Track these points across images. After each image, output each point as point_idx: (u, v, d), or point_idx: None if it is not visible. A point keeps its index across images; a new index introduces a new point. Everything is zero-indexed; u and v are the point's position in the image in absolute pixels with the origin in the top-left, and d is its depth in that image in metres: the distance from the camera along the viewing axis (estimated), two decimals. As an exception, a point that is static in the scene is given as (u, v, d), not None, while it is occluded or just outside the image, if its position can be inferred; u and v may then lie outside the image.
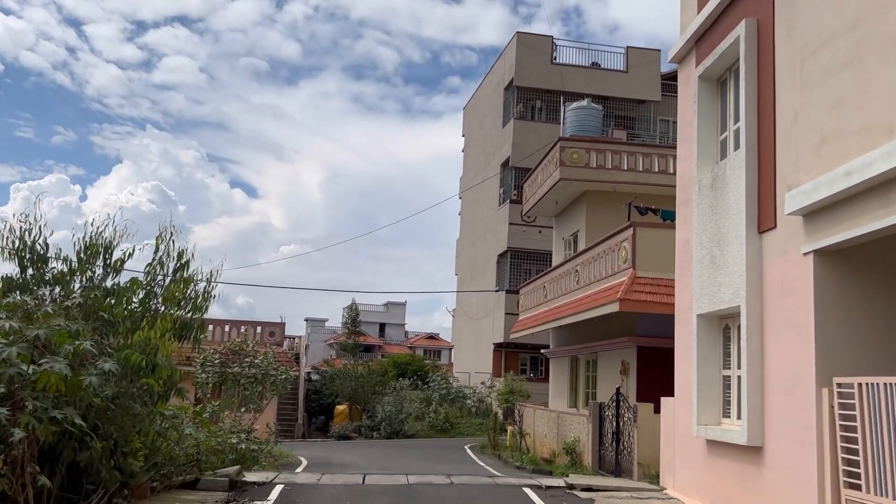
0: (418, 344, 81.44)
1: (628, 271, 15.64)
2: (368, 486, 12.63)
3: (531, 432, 22.47)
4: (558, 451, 20.15)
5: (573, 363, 22.73)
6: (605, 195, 22.72)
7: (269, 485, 12.48)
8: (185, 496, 11.34)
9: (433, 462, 19.94)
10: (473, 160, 41.56)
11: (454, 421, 32.43)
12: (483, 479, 13.71)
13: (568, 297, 20.11)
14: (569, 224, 24.63)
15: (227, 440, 13.60)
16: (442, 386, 35.20)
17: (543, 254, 32.73)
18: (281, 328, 32.58)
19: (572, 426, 19.40)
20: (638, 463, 14.88)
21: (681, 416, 12.43)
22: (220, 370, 17.79)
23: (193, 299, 11.09)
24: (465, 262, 41.62)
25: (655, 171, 22.24)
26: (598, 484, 12.98)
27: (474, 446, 25.54)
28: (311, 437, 32.83)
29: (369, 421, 31.37)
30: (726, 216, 10.68)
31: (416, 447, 25.41)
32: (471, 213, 41.56)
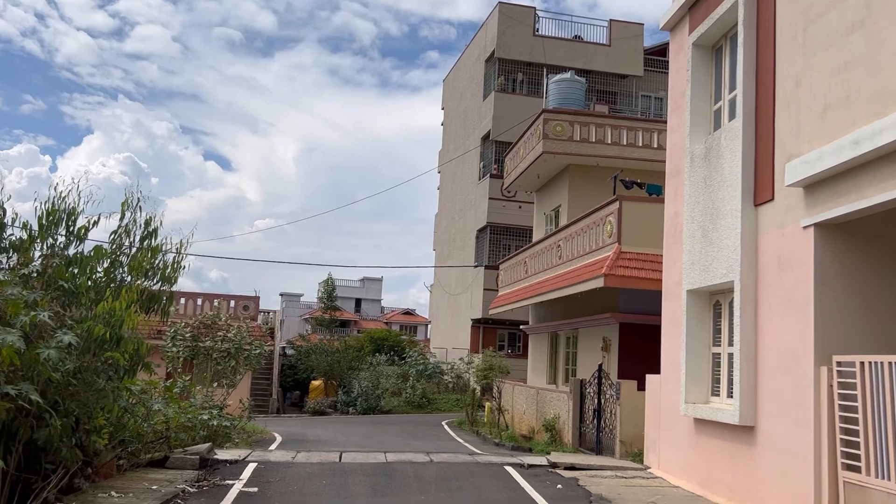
0: (394, 320, 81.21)
1: (613, 246, 15.27)
2: (345, 464, 12.22)
3: (510, 409, 22.22)
4: (538, 427, 19.90)
5: (553, 339, 22.44)
6: (588, 169, 22.32)
7: (242, 463, 12.02)
8: (152, 475, 10.84)
9: (411, 438, 19.60)
10: (453, 134, 40.95)
11: (431, 397, 32.14)
12: (463, 457, 13.37)
13: (550, 273, 19.75)
14: (550, 199, 24.21)
15: (197, 416, 13.10)
16: (419, 361, 34.87)
17: (523, 229, 32.36)
18: (255, 302, 31.95)
19: (552, 403, 19.14)
20: (620, 441, 14.62)
21: (667, 394, 12.13)
22: (191, 344, 17.22)
23: (162, 270, 10.50)
24: (444, 237, 41.16)
25: (639, 145, 21.85)
26: (581, 462, 12.68)
27: (452, 422, 25.27)
28: (286, 412, 32.38)
29: (345, 396, 30.98)
30: (720, 188, 10.30)
31: (392, 423, 25.08)
32: (450, 187, 41.02)
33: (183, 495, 9.60)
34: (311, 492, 10.06)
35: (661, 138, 21.97)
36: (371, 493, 10.06)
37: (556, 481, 11.24)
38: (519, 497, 10.11)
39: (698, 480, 10.71)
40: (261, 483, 10.54)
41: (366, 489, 10.30)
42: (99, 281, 10.22)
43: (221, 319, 17.90)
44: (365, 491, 10.19)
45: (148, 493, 9.39)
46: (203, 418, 13.16)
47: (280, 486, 10.32)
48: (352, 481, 10.78)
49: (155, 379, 12.77)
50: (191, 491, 9.88)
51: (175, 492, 9.62)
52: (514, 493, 10.39)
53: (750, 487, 9.27)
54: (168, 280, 10.67)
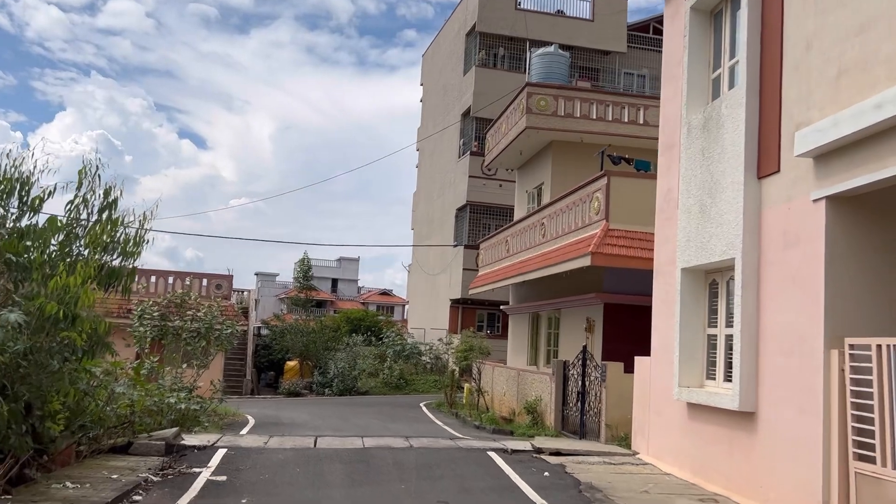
0: (371, 300, 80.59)
1: (601, 223, 14.71)
2: (321, 450, 11.60)
3: (489, 390, 21.72)
4: (519, 410, 19.41)
5: (534, 320, 21.92)
6: (571, 146, 21.71)
7: (211, 449, 11.35)
8: (114, 462, 10.15)
9: (389, 421, 19.03)
10: (432, 110, 40.11)
11: (409, 378, 31.58)
12: (444, 442, 12.80)
13: (533, 252, 19.17)
14: (533, 176, 23.60)
15: (164, 399, 12.38)
16: (396, 342, 34.24)
17: (504, 208, 31.75)
18: (228, 281, 31.07)
19: (534, 385, 18.64)
20: (606, 424, 14.14)
21: (657, 377, 11.63)
22: (159, 324, 16.44)
23: (123, 244, 9.74)
24: (422, 216, 40.44)
25: (625, 121, 21.27)
26: (566, 448, 12.18)
27: (430, 404, 24.73)
28: (261, 393, 31.65)
29: (321, 377, 30.31)
30: (720, 160, 9.73)
31: (370, 405, 24.49)
32: (428, 165, 40.25)
33: (145, 485, 8.93)
34: (283, 481, 9.43)
35: (648, 114, 21.43)
36: (348, 482, 9.46)
37: (542, 468, 10.71)
38: (504, 485, 9.57)
39: (691, 468, 10.23)
40: (230, 471, 9.88)
41: (342, 477, 9.69)
42: (53, 255, 9.45)
43: (191, 298, 17.12)
44: (341, 479, 9.59)
45: (107, 483, 8.70)
46: (170, 402, 12.44)
47: (251, 475, 9.68)
48: (327, 469, 10.16)
49: (119, 360, 12.04)
50: (154, 480, 9.20)
51: (136, 481, 8.94)
52: (498, 480, 9.85)
53: (749, 476, 8.79)
54: (130, 255, 9.91)
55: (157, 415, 12.48)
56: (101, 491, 8.29)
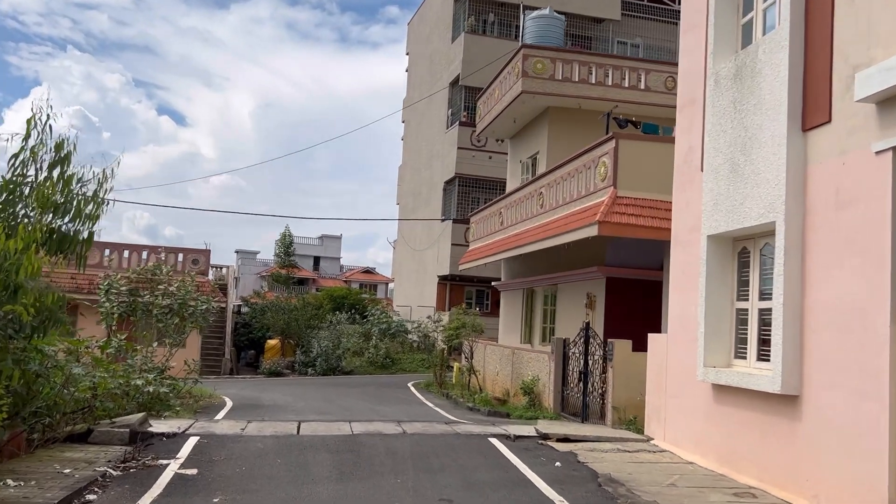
0: (354, 278, 79.41)
1: (608, 190, 13.58)
2: (304, 437, 10.47)
3: (481, 370, 20.68)
4: (514, 390, 18.39)
5: (528, 296, 20.87)
6: (569, 112, 20.55)
7: (181, 437, 10.19)
8: (69, 453, 8.97)
9: (376, 402, 17.94)
10: (419, 80, 38.69)
11: (395, 357, 30.49)
12: (440, 427, 11.72)
13: (530, 224, 18.04)
14: (527, 145, 22.42)
15: (130, 381, 11.17)
16: (382, 320, 33.14)
17: (494, 181, 30.59)
18: (206, 255, 29.74)
19: (531, 364, 17.61)
20: (613, 407, 13.12)
21: (675, 357, 10.59)
22: (128, 299, 15.19)
23: (77, 205, 8.48)
24: (408, 190, 39.15)
25: (626, 86, 20.13)
26: (575, 433, 11.13)
27: (419, 384, 23.68)
28: (240, 373, 30.44)
29: (303, 357, 29.14)
30: (756, 113, 8.61)
31: (355, 385, 23.40)
32: (415, 137, 38.91)
33: (102, 481, 7.76)
34: (263, 474, 8.30)
35: (650, 79, 20.30)
36: (336, 476, 8.34)
37: (552, 457, 9.66)
38: (513, 478, 8.49)
39: (717, 456, 9.22)
40: (202, 463, 8.74)
41: (329, 470, 8.57)
42: (-8, 216, 8.20)
43: (163, 272, 15.86)
44: (328, 472, 8.47)
45: (56, 480, 7.52)
46: (137, 383, 11.24)
47: (225, 468, 8.54)
48: (312, 459, 9.04)
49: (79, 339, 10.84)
50: (113, 475, 8.04)
51: (92, 476, 7.77)
52: (506, 472, 8.77)
53: (790, 467, 7.77)
54: (86, 219, 8.65)
55: (123, 398, 11.30)
56: (48, 490, 7.11)
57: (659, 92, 20.19)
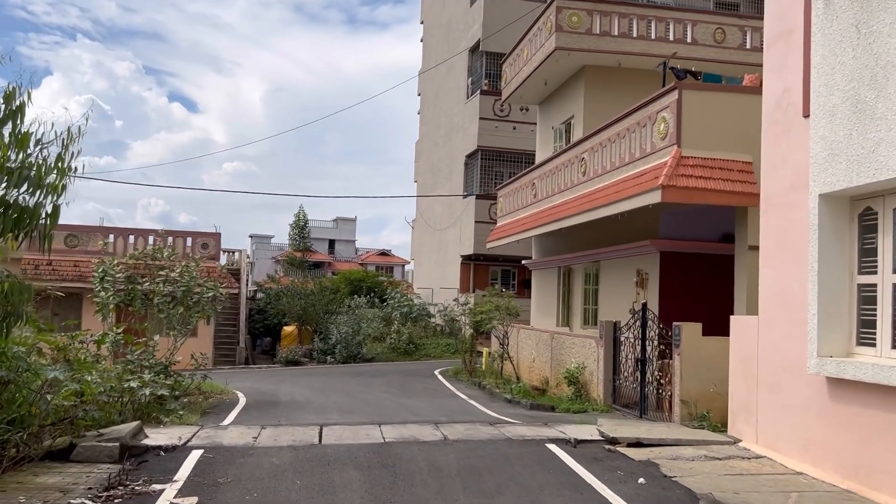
0: (370, 261, 78.05)
1: (670, 150, 11.72)
2: (328, 447, 8.79)
3: (514, 356, 18.96)
4: (554, 379, 16.68)
5: (565, 275, 19.09)
6: (608, 71, 18.63)
7: (182, 450, 8.54)
8: (43, 476, 7.35)
9: (403, 395, 16.28)
10: (435, 49, 36.72)
11: (418, 342, 28.83)
12: (485, 430, 9.99)
13: (569, 194, 16.21)
14: (560, 109, 20.52)
15: (122, 383, 9.52)
16: (403, 303, 31.44)
17: (519, 153, 28.73)
18: (216, 239, 28.12)
19: (573, 350, 15.87)
20: (681, 401, 11.36)
21: (770, 343, 8.80)
22: (125, 287, 13.56)
23: (37, 171, 6.77)
24: (427, 166, 37.30)
25: (671, 39, 18.17)
26: (648, 437, 9.37)
27: (446, 371, 22.01)
28: (256, 362, 28.93)
29: (322, 344, 27.53)
30: (893, 34, 6.73)
31: (378, 374, 21.77)
32: (432, 111, 36.99)
33: (76, 520, 6.11)
34: (279, 502, 6.63)
35: (697, 31, 18.33)
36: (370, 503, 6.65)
37: (629, 469, 7.93)
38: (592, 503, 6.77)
39: (838, 467, 7.44)
40: (204, 488, 7.07)
41: (362, 495, 6.87)
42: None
43: (163, 255, 14.20)
44: (360, 499, 6.77)
45: (14, 522, 5.88)
46: (131, 386, 9.58)
47: (232, 495, 6.86)
48: (340, 480, 7.35)
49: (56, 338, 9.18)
50: (91, 509, 6.39)
51: (64, 513, 6.13)
52: (580, 494, 7.04)
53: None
54: (50, 189, 6.94)
55: (115, 404, 9.66)
56: (0, 540, 5.47)
57: (708, 45, 18.22)
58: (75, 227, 26.56)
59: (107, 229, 27.04)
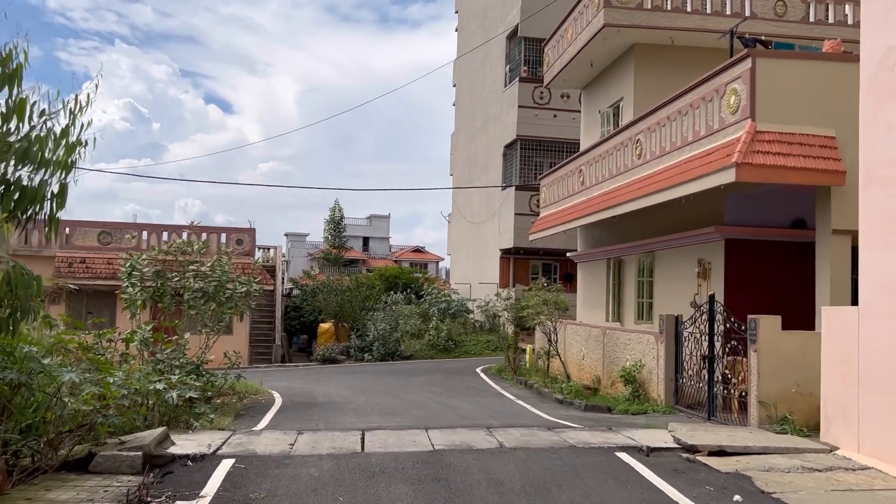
0: (404, 257, 77.49)
1: (743, 124, 10.59)
2: (372, 456, 7.88)
3: (561, 352, 17.89)
4: (606, 377, 15.62)
5: (615, 267, 17.96)
6: (659, 50, 17.46)
7: (211, 459, 7.71)
8: (56, 491, 6.58)
9: (447, 395, 15.34)
10: (470, 38, 35.68)
11: (458, 339, 27.86)
12: (544, 437, 9.01)
13: (622, 179, 15.11)
14: (607, 92, 19.38)
15: (148, 385, 8.71)
16: (440, 299, 30.51)
17: (560, 142, 27.62)
18: (250, 235, 27.46)
19: (628, 347, 14.79)
20: (759, 402, 10.24)
21: (874, 338, 7.69)
22: (153, 283, 12.82)
23: (39, 143, 5.94)
24: (463, 159, 36.31)
25: (728, 13, 16.93)
26: (730, 444, 8.30)
27: (488, 369, 21.02)
28: (292, 360, 28.25)
29: (359, 341, 26.72)
30: None
31: (418, 372, 20.86)
32: (468, 101, 35.98)
33: (86, 547, 5.27)
34: (318, 525, 5.73)
35: (756, 4, 17.07)
36: (424, 527, 5.70)
37: (719, 483, 6.89)
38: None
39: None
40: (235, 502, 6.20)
41: (413, 516, 5.94)
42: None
43: (194, 249, 13.43)
44: (412, 521, 5.84)
45: (16, 549, 5.06)
46: (157, 388, 8.77)
47: (265, 514, 5.98)
48: (387, 497, 6.42)
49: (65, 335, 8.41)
50: (105, 533, 5.55)
51: (72, 539, 5.30)
52: (668, 515, 6.02)
53: None
54: (56, 166, 6.11)
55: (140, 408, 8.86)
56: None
57: (768, 19, 16.95)
58: (108, 224, 26.12)
59: (139, 226, 26.56)
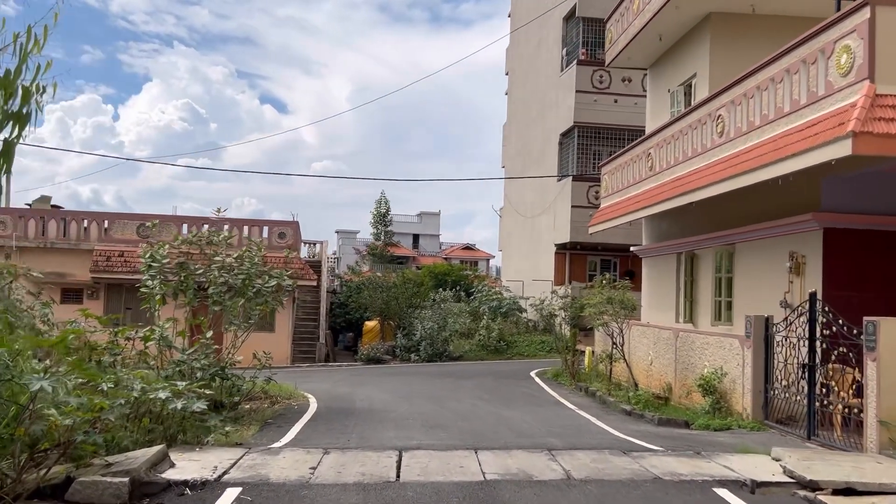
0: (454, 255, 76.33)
1: (859, 87, 8.77)
2: (408, 487, 6.40)
3: (626, 356, 16.16)
4: (680, 386, 13.90)
5: (688, 262, 16.14)
6: (739, 20, 15.57)
7: (213, 487, 6.34)
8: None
9: (500, 403, 13.80)
10: (524, 21, 34.01)
11: (509, 339, 26.25)
12: (620, 464, 7.40)
13: (700, 161, 13.33)
14: (678, 69, 17.54)
15: (146, 396, 7.38)
16: (491, 297, 28.94)
17: (621, 129, 25.76)
18: (293, 228, 26.29)
19: (707, 352, 13.04)
20: (878, 421, 8.45)
21: None
22: (177, 275, 11.57)
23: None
24: (516, 149, 34.63)
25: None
26: (862, 480, 6.56)
27: (544, 373, 19.40)
28: (337, 359, 27.03)
29: (405, 340, 25.34)
30: None
31: (468, 375, 19.35)
32: (521, 90, 34.28)
33: None
34: None
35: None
36: None
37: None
38: None
39: None
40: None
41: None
42: None
43: (219, 239, 12.11)
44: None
45: None
46: (159, 397, 7.43)
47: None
48: (424, 551, 4.92)
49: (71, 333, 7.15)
50: None
51: None
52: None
53: None
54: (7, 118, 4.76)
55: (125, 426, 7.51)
56: None
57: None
58: (147, 216, 25.26)
59: (179, 218, 25.63)
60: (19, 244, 23.80)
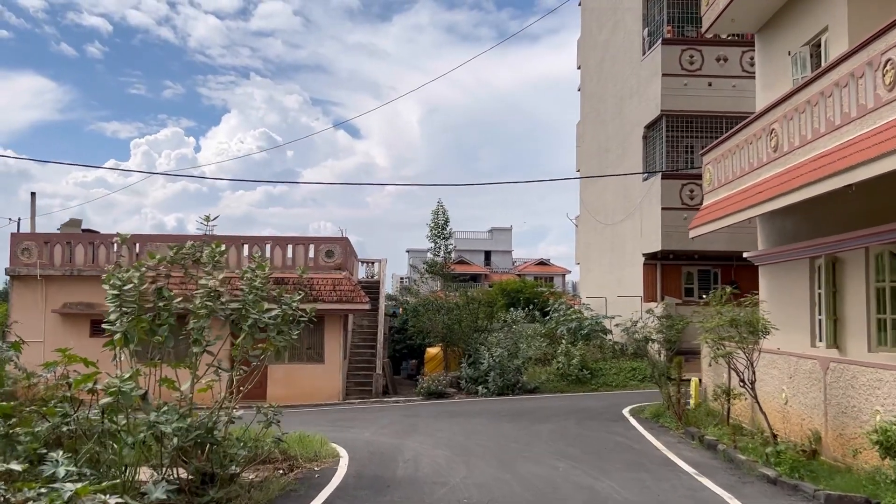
0: (527, 271, 73.08)
1: None
2: None
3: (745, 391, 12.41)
4: (835, 437, 10.18)
5: (828, 270, 12.31)
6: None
7: None
8: None
9: (587, 462, 10.32)
10: (595, 11, 30.56)
11: (593, 366, 22.56)
12: None
13: (852, 131, 9.65)
14: (800, 26, 13.84)
15: None
16: (570, 317, 25.34)
17: (717, 117, 22.05)
18: (342, 245, 23.33)
19: (880, 392, 9.33)
20: None
21: None
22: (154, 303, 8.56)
23: None
24: (592, 149, 31.02)
25: None
26: None
27: (640, 411, 15.77)
28: (399, 391, 23.87)
29: (471, 370, 21.98)
30: None
31: (544, 415, 15.87)
32: (595, 83, 30.72)
33: None
34: None
35: None
36: None
37: None
38: None
39: None
40: None
41: None
42: None
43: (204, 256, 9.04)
44: None
45: None
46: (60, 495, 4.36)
47: None
48: None
49: None
50: None
51: None
52: None
53: None
54: None
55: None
56: None
57: None
58: (181, 237, 22.80)
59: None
60: (44, 272, 21.67)
